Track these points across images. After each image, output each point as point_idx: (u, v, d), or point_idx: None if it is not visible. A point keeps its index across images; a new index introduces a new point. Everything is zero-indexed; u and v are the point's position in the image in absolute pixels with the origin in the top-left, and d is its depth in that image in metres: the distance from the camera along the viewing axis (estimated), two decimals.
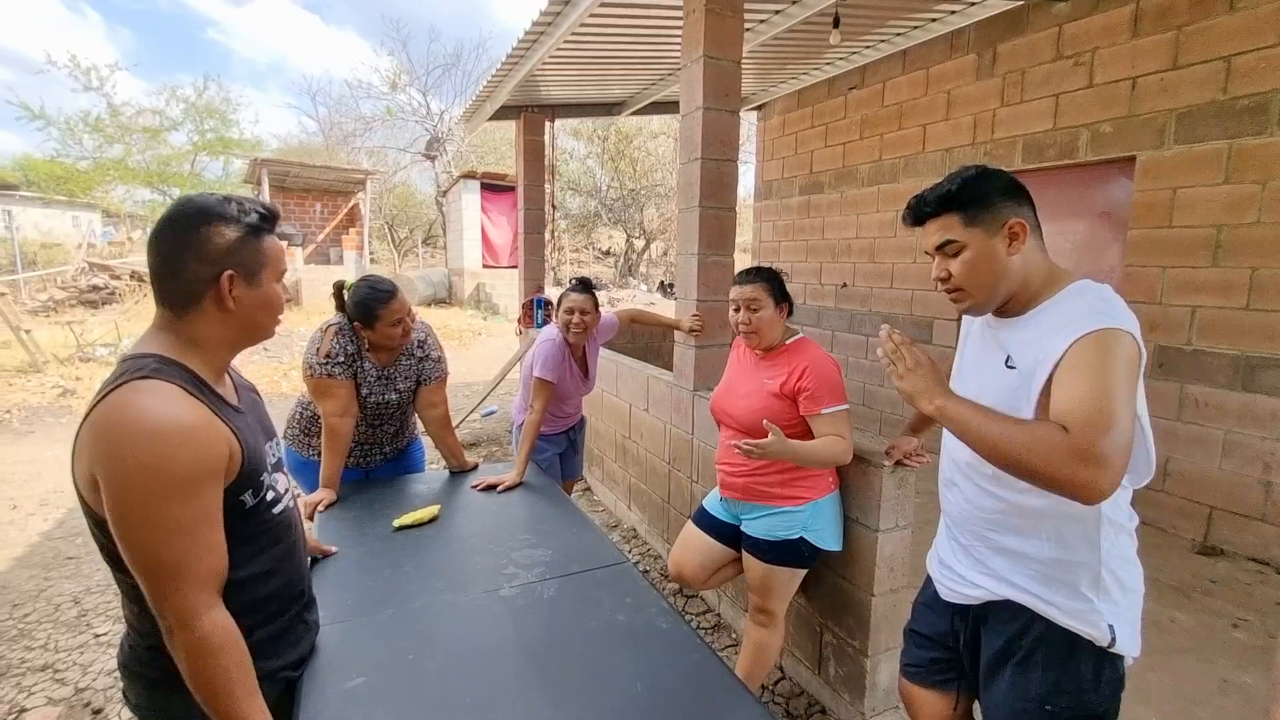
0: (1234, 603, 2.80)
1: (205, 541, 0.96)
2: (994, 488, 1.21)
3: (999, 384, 1.19)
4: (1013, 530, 1.20)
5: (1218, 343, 3.31)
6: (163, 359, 1.00)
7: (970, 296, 1.19)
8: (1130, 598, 1.16)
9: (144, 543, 0.91)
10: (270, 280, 1.09)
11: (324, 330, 2.14)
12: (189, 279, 1.01)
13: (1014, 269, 1.16)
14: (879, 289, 5.31)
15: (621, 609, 1.46)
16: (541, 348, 2.52)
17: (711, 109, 2.67)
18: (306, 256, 13.78)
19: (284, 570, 1.16)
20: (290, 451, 2.40)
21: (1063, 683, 1.15)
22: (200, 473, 0.95)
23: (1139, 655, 1.16)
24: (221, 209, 1.03)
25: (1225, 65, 3.21)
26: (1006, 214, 1.15)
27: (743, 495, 1.93)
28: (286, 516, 1.17)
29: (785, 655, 2.31)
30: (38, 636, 2.60)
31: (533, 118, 5.29)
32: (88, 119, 17.53)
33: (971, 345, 1.35)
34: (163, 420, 0.92)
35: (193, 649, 0.94)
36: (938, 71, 4.66)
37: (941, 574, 1.36)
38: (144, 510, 0.90)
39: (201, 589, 0.95)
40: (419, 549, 1.75)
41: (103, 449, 0.91)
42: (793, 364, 1.81)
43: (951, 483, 1.32)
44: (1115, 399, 0.98)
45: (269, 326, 1.12)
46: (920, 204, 1.21)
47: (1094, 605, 1.12)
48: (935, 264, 1.22)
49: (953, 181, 1.17)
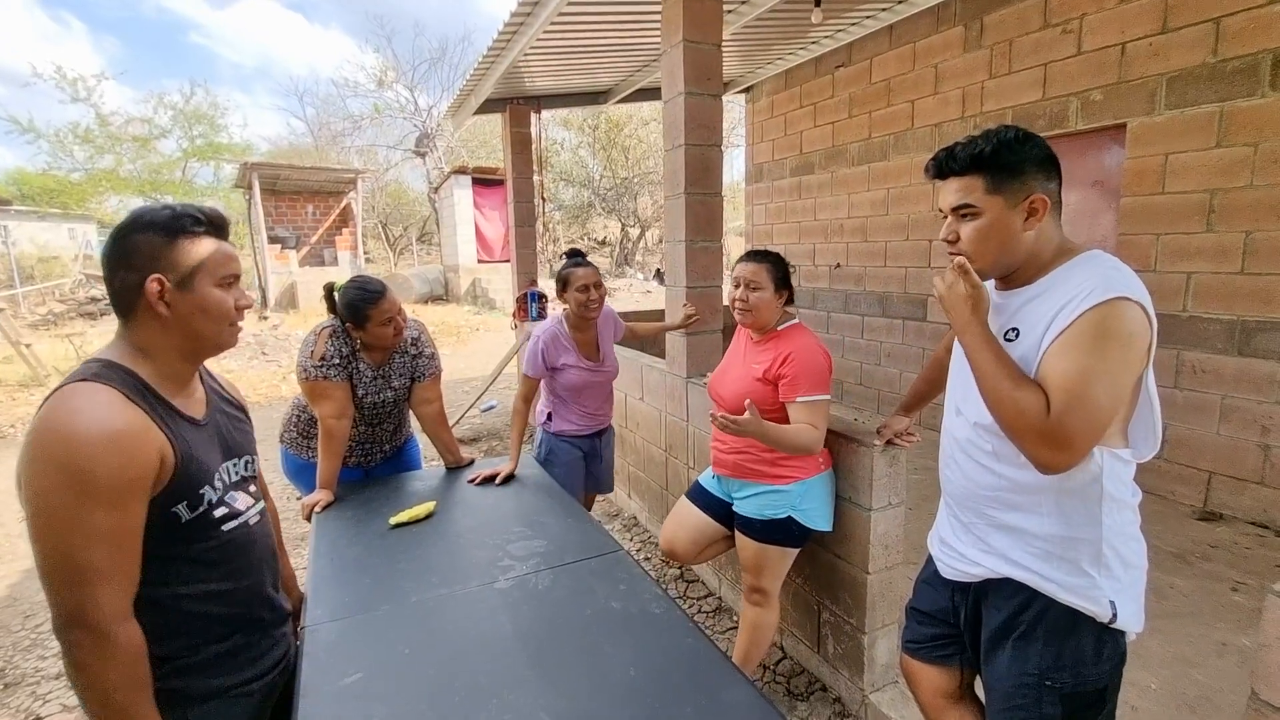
0: (1233, 567, 2.81)
1: (127, 548, 0.94)
2: (993, 464, 1.20)
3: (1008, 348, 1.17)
4: (1012, 507, 1.19)
5: (1213, 308, 3.30)
6: (107, 363, 1.00)
7: (974, 264, 1.17)
8: (1132, 574, 1.15)
9: (60, 547, 0.88)
10: (206, 285, 1.05)
11: (318, 333, 2.14)
12: (120, 287, 1.02)
13: (1024, 244, 1.14)
14: (873, 268, 5.29)
15: (616, 596, 1.48)
16: (528, 345, 2.46)
17: (694, 94, 2.66)
18: (301, 259, 13.76)
19: (235, 592, 1.12)
20: (288, 455, 2.42)
21: (1063, 657, 1.14)
22: (124, 480, 0.92)
23: (1141, 630, 1.16)
24: (151, 216, 1.02)
25: (1215, 27, 3.17)
26: (1032, 187, 1.11)
27: (733, 472, 1.94)
28: (241, 535, 1.13)
29: (784, 634, 2.33)
30: (51, 645, 2.63)
31: (519, 110, 5.26)
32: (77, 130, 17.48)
33: None
34: (87, 424, 0.90)
35: (103, 656, 0.90)
36: (925, 46, 4.62)
37: (942, 552, 1.36)
38: (62, 514, 0.88)
39: (120, 596, 0.93)
40: (415, 545, 1.76)
41: (27, 451, 0.90)
42: (779, 350, 1.81)
43: (951, 460, 1.32)
44: (1093, 382, 1.00)
45: (217, 334, 1.09)
46: (948, 158, 1.16)
47: (1095, 581, 1.12)
48: (946, 224, 1.19)
49: (989, 140, 1.12)
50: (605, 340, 2.55)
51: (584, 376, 2.46)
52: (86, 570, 0.89)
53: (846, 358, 5.66)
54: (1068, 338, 1.03)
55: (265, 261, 12.77)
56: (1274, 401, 3.12)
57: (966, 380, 1.25)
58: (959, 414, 1.27)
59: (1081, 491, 1.11)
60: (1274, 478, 3.15)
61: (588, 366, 2.47)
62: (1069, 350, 1.02)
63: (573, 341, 2.45)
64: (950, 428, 1.32)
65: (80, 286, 12.98)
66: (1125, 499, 1.14)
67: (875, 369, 5.40)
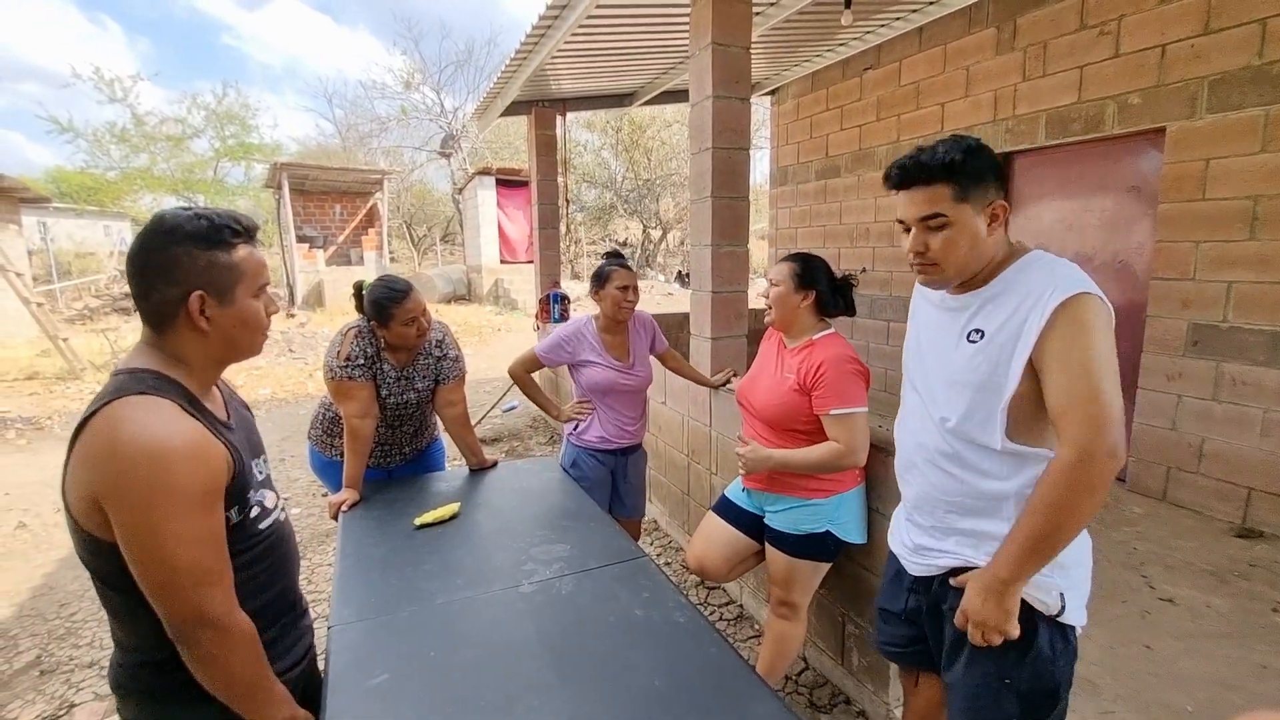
0: (1274, 586, 2.71)
1: (223, 547, 0.99)
2: (956, 469, 1.22)
3: (961, 359, 1.20)
4: (972, 512, 1.22)
5: (1256, 319, 3.20)
6: (157, 375, 1.00)
7: (942, 272, 1.20)
8: (1080, 571, 1.19)
9: (171, 558, 0.92)
10: (245, 296, 1.06)
11: (344, 333, 2.17)
12: (158, 301, 1.00)
13: (987, 249, 1.17)
14: (899, 273, 5.22)
15: (639, 603, 1.47)
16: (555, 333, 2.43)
17: (721, 97, 2.64)
18: (327, 258, 13.98)
19: (275, 584, 1.17)
20: (315, 452, 2.45)
21: (1023, 656, 1.16)
22: (212, 487, 0.97)
23: (1084, 624, 1.19)
24: (189, 227, 1.00)
25: (1261, 28, 3.07)
26: (993, 194, 1.16)
27: (767, 486, 1.91)
28: (276, 531, 1.17)
29: (808, 645, 2.31)
30: (84, 634, 2.70)
31: (544, 112, 5.29)
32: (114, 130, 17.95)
33: (925, 323, 1.35)
34: (169, 438, 0.93)
35: (228, 647, 0.97)
36: (955, 48, 4.54)
37: (903, 551, 1.38)
38: (168, 526, 0.91)
39: (230, 591, 0.99)
40: (440, 546, 1.78)
41: (109, 469, 0.90)
42: (813, 360, 1.77)
43: (911, 464, 1.33)
44: (1103, 379, 1.03)
45: (251, 343, 1.11)
46: (916, 167, 1.15)
47: (1049, 575, 1.14)
48: (912, 236, 1.19)
49: (953, 150, 1.13)
50: (637, 344, 2.46)
51: (610, 376, 2.37)
52: (199, 573, 0.94)
53: (871, 363, 5.59)
54: (1056, 347, 1.06)
55: (293, 260, 13.00)
56: None
57: (935, 381, 1.27)
58: (937, 420, 1.26)
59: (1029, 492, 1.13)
60: None
61: (616, 367, 2.38)
62: (1063, 361, 1.06)
63: (600, 341, 2.39)
64: (915, 432, 1.33)
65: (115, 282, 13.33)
66: None
67: (900, 375, 5.32)
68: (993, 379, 1.14)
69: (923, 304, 1.38)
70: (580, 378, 2.43)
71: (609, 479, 2.47)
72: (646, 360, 2.50)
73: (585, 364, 2.39)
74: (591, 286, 2.41)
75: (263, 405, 6.64)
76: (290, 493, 4.24)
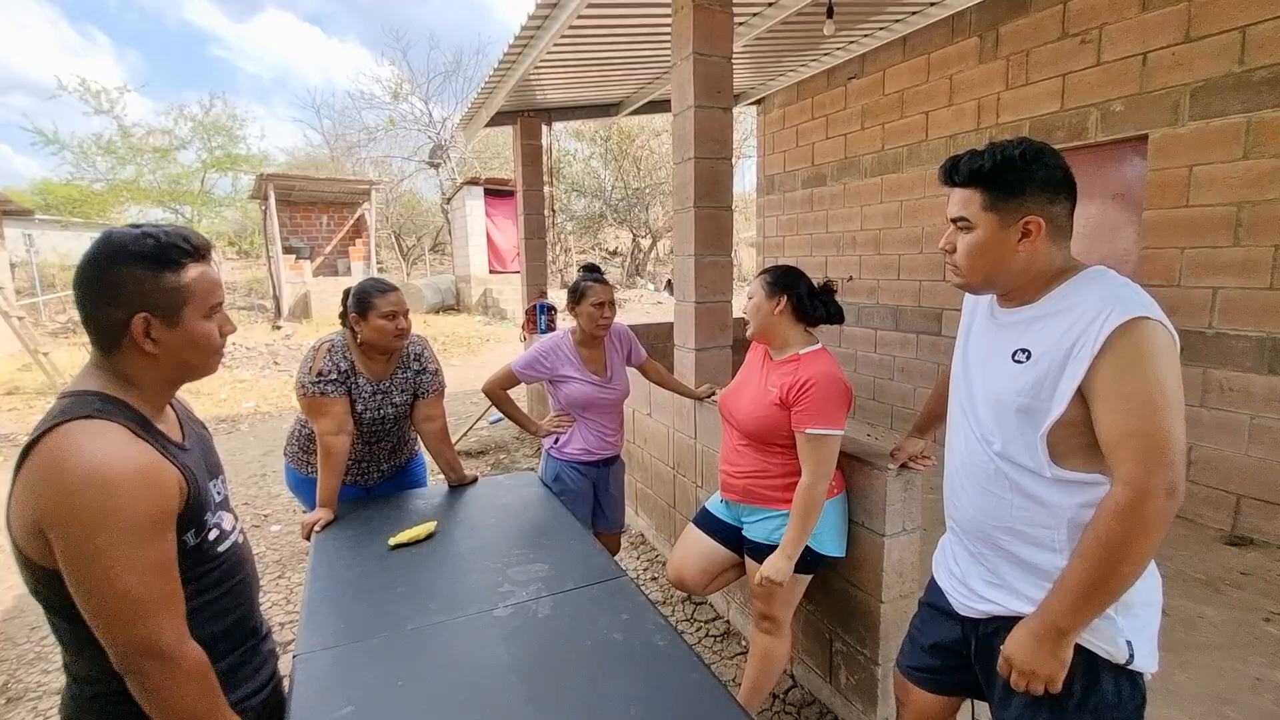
0: (1266, 595, 2.69)
1: (173, 575, 0.96)
2: (1009, 494, 1.14)
3: (1007, 378, 1.13)
4: (1025, 540, 1.13)
5: (1241, 324, 3.20)
6: (105, 397, 0.97)
7: (963, 276, 1.18)
8: (1149, 612, 1.09)
9: (118, 586, 0.88)
10: (195, 317, 1.02)
11: (316, 348, 2.12)
12: (103, 322, 0.97)
13: (1016, 264, 1.11)
14: (885, 281, 5.22)
15: (618, 626, 1.42)
16: (532, 349, 2.41)
17: (704, 107, 2.62)
18: (314, 269, 13.88)
19: (235, 609, 1.12)
20: (291, 469, 2.39)
21: (1085, 703, 1.08)
22: (162, 513, 0.94)
23: (1156, 670, 1.09)
24: (135, 247, 0.97)
25: (1241, 36, 3.09)
26: (1030, 209, 1.08)
27: (743, 498, 1.88)
28: (234, 554, 1.13)
29: (796, 663, 2.26)
30: (54, 660, 2.61)
31: (529, 122, 5.27)
32: (100, 141, 17.79)
33: (976, 336, 1.28)
34: (115, 464, 0.89)
35: (177, 679, 0.93)
36: (939, 57, 4.56)
37: (950, 585, 1.29)
38: (113, 554, 0.88)
39: (179, 621, 0.95)
40: (414, 567, 1.72)
41: (53, 496, 0.87)
42: (799, 375, 1.73)
43: (960, 489, 1.26)
44: (1165, 411, 0.96)
45: (204, 364, 1.07)
46: (952, 170, 1.15)
47: (1113, 621, 1.05)
48: (948, 232, 1.19)
49: (992, 155, 1.10)
50: (614, 358, 2.45)
51: (589, 391, 2.36)
52: (147, 603, 0.90)
53: (860, 372, 5.57)
54: (1112, 376, 0.98)
55: (280, 271, 12.89)
56: None
57: (980, 399, 1.20)
58: (981, 441, 1.19)
59: None
60: None
61: (594, 382, 2.37)
62: (1119, 392, 0.97)
63: (577, 355, 2.37)
64: (961, 453, 1.25)
65: None
66: None
67: (888, 384, 5.31)
68: (1035, 403, 1.06)
69: (977, 314, 1.29)
70: (559, 393, 2.40)
71: (591, 491, 2.45)
72: (624, 373, 2.48)
73: (564, 379, 2.36)
74: (568, 301, 2.38)
75: (245, 419, 6.54)
76: (271, 509, 4.16)
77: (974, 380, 1.23)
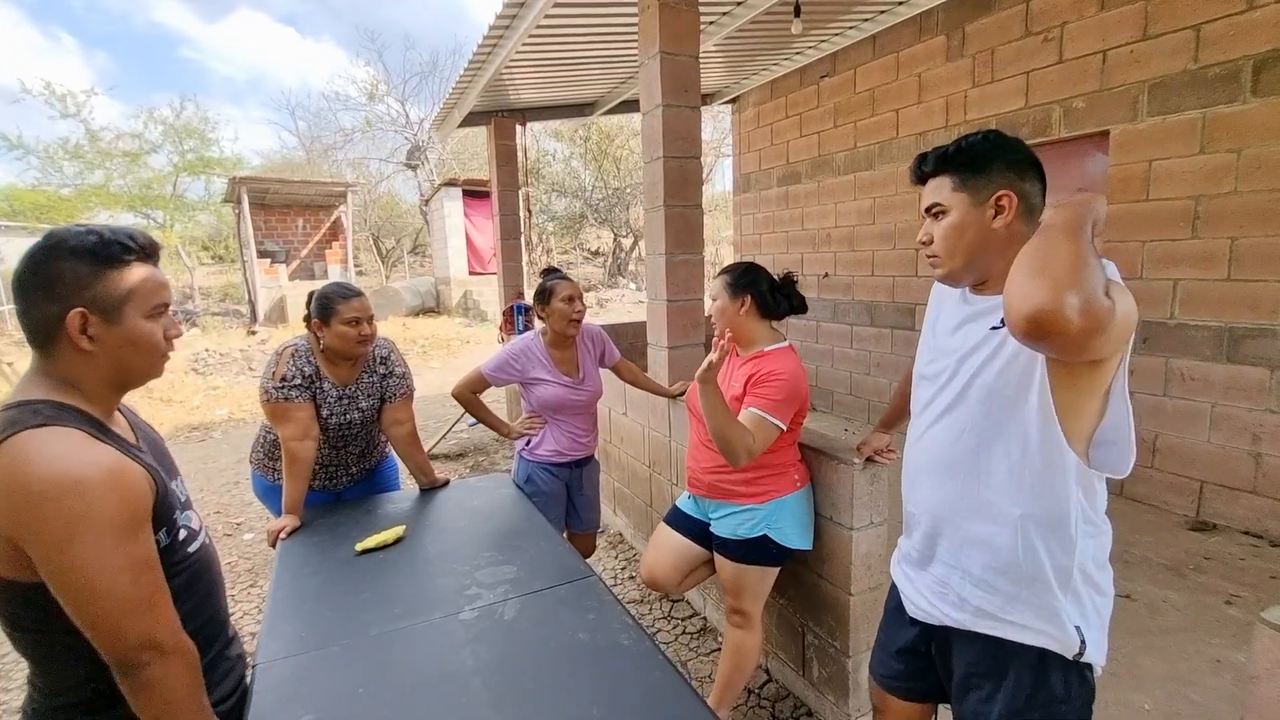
0: (1227, 578, 2.76)
1: (159, 572, 0.95)
2: (958, 484, 1.14)
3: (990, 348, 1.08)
4: (979, 540, 1.12)
5: (1201, 315, 3.28)
6: (52, 403, 0.94)
7: (944, 263, 1.15)
8: (1101, 602, 1.10)
9: (101, 589, 0.87)
10: (135, 316, 0.99)
11: (280, 353, 2.09)
12: (38, 318, 0.96)
13: (996, 242, 1.09)
14: (860, 277, 5.27)
15: (584, 626, 1.42)
16: (502, 352, 2.39)
17: (671, 105, 2.63)
18: (290, 273, 13.67)
19: (205, 609, 1.11)
20: (257, 476, 2.36)
21: (1035, 698, 1.09)
22: (138, 510, 0.93)
23: (1104, 663, 1.11)
24: (75, 242, 0.96)
25: (1195, 34, 3.17)
26: (999, 184, 1.09)
27: (708, 493, 1.89)
28: (203, 554, 1.12)
29: (770, 657, 2.27)
30: (16, 677, 2.55)
31: (503, 122, 5.24)
32: (67, 146, 17.37)
33: (946, 321, 1.23)
34: (82, 467, 0.88)
35: (175, 671, 0.93)
36: (908, 55, 4.62)
37: (906, 587, 1.30)
38: (101, 557, 0.87)
39: (170, 613, 0.95)
40: (381, 573, 1.70)
41: (21, 508, 0.85)
42: (759, 369, 1.75)
43: (917, 478, 1.26)
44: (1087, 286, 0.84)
45: (147, 367, 1.04)
46: (920, 162, 1.19)
47: (1063, 608, 1.07)
48: (923, 226, 1.19)
49: (957, 142, 1.14)
50: (586, 360, 2.43)
51: (561, 393, 2.34)
52: (140, 600, 0.91)
53: (836, 367, 5.62)
54: None
55: (254, 276, 12.69)
56: (1264, 409, 3.09)
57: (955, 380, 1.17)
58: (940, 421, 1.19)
59: (1056, 518, 1.05)
60: (1266, 486, 3.11)
61: (566, 383, 2.35)
62: None
63: (549, 357, 2.35)
64: (915, 445, 1.26)
65: None
66: (1098, 523, 1.09)
67: (865, 378, 5.37)
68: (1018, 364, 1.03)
69: (945, 305, 1.26)
70: (530, 395, 2.38)
71: (564, 492, 2.44)
72: (597, 374, 2.47)
73: (535, 381, 2.34)
74: (536, 305, 2.37)
75: (219, 426, 6.43)
76: (244, 517, 4.09)
77: (945, 363, 1.19)
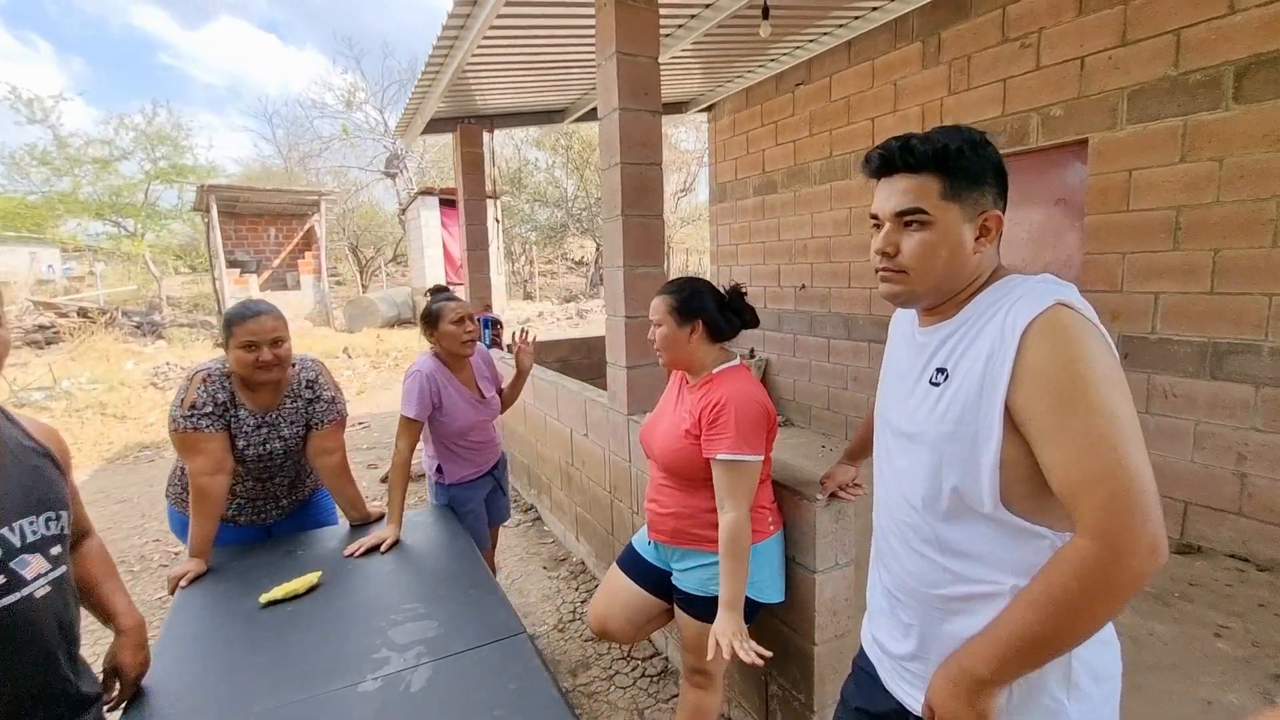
0: (1215, 607, 2.63)
1: None
2: (937, 556, 0.96)
3: (923, 408, 0.95)
4: (963, 612, 0.94)
5: (1183, 329, 3.17)
6: None
7: (910, 283, 0.95)
8: (1107, 686, 0.93)
9: None
10: None
11: (190, 378, 1.89)
12: None
13: (969, 267, 0.93)
14: (837, 289, 5.14)
15: (501, 700, 1.23)
16: (404, 384, 2.23)
17: (629, 109, 2.47)
18: (262, 284, 13.37)
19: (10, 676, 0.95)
20: (174, 511, 2.15)
21: None
22: None
23: None
24: None
25: (1175, 39, 3.07)
26: (988, 202, 0.93)
27: (671, 539, 1.68)
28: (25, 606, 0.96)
29: (732, 704, 2.09)
30: None
31: (470, 129, 5.06)
32: (34, 152, 16.93)
33: (895, 356, 1.11)
34: None
35: None
36: (883, 62, 4.51)
37: (883, 658, 1.10)
38: None
39: None
40: (284, 630, 1.50)
41: None
42: (711, 397, 1.55)
43: (886, 543, 1.07)
44: (1121, 439, 0.78)
45: None
46: (905, 151, 0.93)
47: (1061, 705, 0.89)
48: (884, 233, 0.96)
49: (951, 138, 0.91)
50: (482, 377, 2.43)
51: (470, 414, 2.32)
52: None
53: (813, 382, 5.48)
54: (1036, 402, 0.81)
55: (224, 287, 12.37)
56: (1249, 427, 2.98)
57: (897, 437, 1.03)
58: (897, 487, 1.03)
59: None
60: (1252, 508, 2.99)
61: (474, 402, 2.35)
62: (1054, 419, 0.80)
63: (452, 379, 2.31)
64: (885, 500, 1.07)
65: (27, 314, 12.43)
66: None
67: (843, 393, 5.23)
68: (961, 430, 0.89)
69: (897, 337, 1.12)
70: (443, 423, 2.28)
71: (484, 504, 2.47)
72: (494, 391, 2.48)
73: (450, 405, 2.27)
74: (424, 330, 2.29)
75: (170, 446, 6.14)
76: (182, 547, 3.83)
77: (892, 407, 1.05)
